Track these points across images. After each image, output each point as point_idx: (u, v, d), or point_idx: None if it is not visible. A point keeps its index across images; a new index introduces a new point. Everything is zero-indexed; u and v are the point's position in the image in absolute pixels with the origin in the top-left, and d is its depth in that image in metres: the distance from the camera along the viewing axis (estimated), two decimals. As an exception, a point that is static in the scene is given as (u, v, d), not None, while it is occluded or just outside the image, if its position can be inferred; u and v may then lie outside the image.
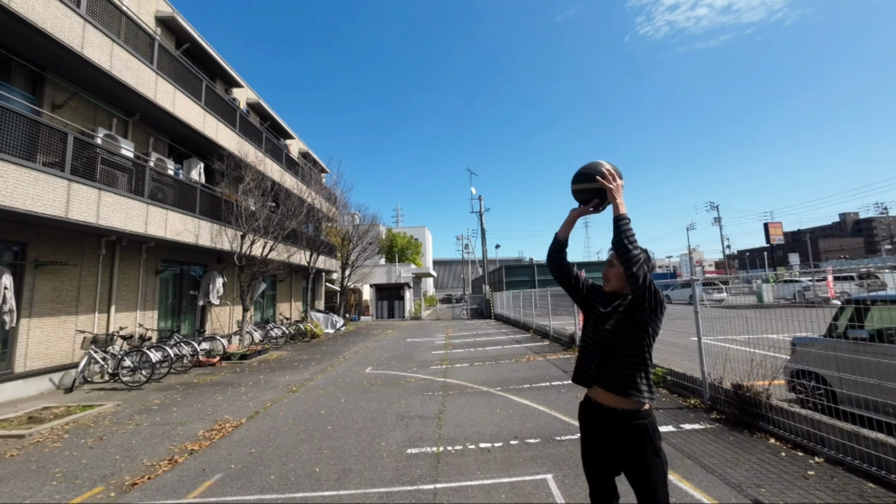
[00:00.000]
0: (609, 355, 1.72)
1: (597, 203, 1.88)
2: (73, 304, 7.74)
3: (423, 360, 9.34)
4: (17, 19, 5.97)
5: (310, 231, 17.56)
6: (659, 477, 1.60)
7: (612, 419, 1.69)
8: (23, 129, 5.98)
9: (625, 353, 1.69)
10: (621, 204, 1.76)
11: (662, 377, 5.66)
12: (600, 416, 1.73)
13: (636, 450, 1.63)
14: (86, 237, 7.96)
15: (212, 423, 5.06)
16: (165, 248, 9.89)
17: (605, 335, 1.74)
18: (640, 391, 1.65)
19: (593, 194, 1.91)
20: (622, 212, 1.73)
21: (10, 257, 6.80)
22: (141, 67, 8.37)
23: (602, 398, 1.73)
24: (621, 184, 1.80)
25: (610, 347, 1.72)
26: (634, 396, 1.64)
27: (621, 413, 1.67)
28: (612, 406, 1.69)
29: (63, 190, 6.46)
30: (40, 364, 7.09)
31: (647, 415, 1.67)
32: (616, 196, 1.77)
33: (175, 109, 9.38)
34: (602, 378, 1.73)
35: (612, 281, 1.84)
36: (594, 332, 1.80)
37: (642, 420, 1.65)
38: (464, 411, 5.18)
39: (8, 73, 6.94)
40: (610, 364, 1.71)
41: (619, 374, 1.68)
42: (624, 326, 1.71)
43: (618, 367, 1.69)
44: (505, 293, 21.40)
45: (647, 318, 1.67)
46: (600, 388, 1.73)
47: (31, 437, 4.74)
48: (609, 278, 1.85)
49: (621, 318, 1.73)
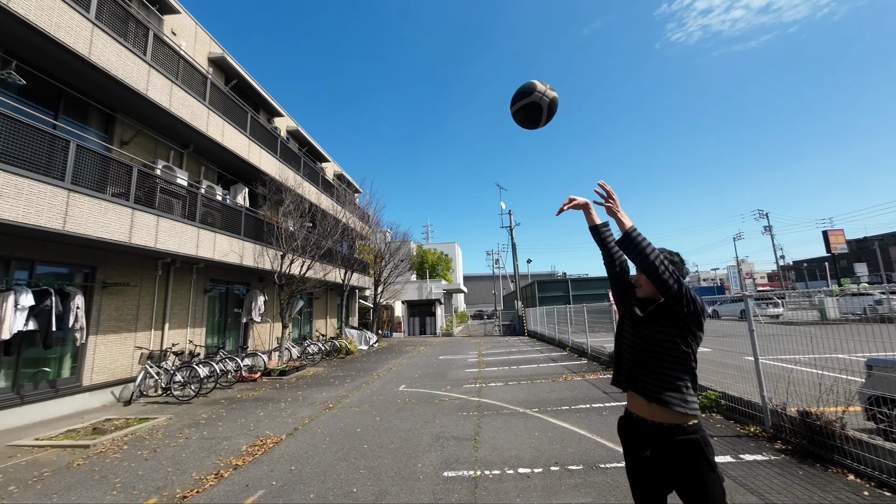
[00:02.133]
0: (648, 361, 1.63)
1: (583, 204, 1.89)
2: (132, 321, 8.38)
3: (456, 379, 9.23)
4: (97, 70, 6.77)
5: (344, 249, 18.14)
6: (718, 495, 1.47)
7: (658, 435, 1.57)
8: (97, 164, 6.69)
9: (666, 359, 1.59)
10: (625, 216, 1.70)
11: (715, 401, 5.24)
12: (644, 432, 1.62)
13: (689, 468, 1.50)
14: (145, 260, 8.66)
15: (254, 439, 5.22)
16: (213, 269, 10.55)
17: (644, 339, 1.64)
18: (685, 401, 1.54)
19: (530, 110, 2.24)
20: (630, 224, 1.67)
21: (81, 279, 7.50)
22: (195, 104, 9.17)
23: (644, 412, 1.62)
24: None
25: (649, 352, 1.63)
26: (679, 407, 1.52)
27: (667, 428, 1.55)
28: (656, 421, 1.58)
29: (127, 217, 7.11)
30: (104, 378, 7.68)
31: (696, 428, 1.54)
32: (617, 211, 1.73)
33: (224, 140, 10.15)
34: (639, 384, 1.63)
35: (644, 287, 1.74)
36: (632, 334, 1.70)
37: (692, 434, 1.52)
38: (500, 433, 5.03)
39: (86, 116, 7.84)
40: (649, 370, 1.61)
41: (660, 380, 1.58)
42: (665, 332, 1.60)
43: (658, 373, 1.59)
44: (538, 309, 20.88)
45: (689, 322, 1.57)
46: (639, 397, 1.63)
47: (95, 447, 5.10)
48: (640, 284, 1.76)
49: (661, 322, 1.63)
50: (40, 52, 6.36)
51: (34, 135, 5.75)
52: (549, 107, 2.24)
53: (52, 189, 5.84)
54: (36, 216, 5.60)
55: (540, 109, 2.24)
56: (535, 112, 2.26)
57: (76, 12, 6.38)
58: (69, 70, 6.85)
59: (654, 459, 1.58)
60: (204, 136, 9.54)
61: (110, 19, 7.14)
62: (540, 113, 2.25)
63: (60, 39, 6.11)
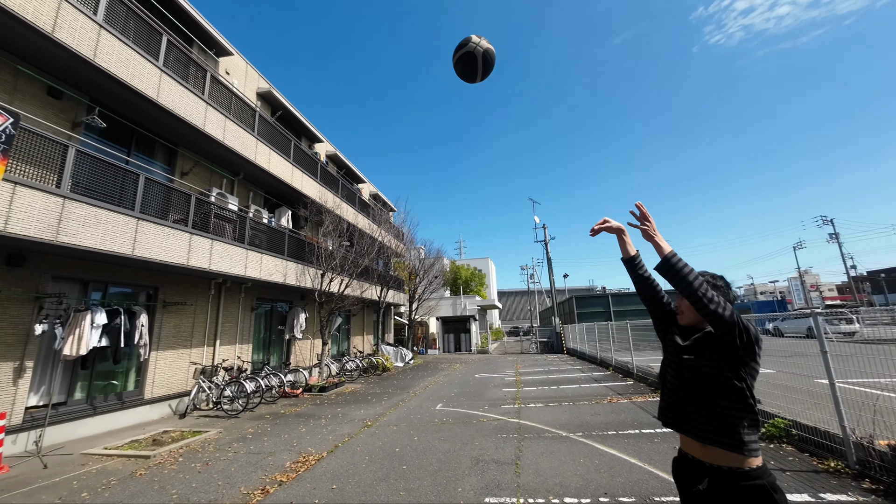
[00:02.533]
0: (696, 398, 1.48)
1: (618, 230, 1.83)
2: (188, 338, 8.98)
3: (493, 398, 9.01)
4: (163, 111, 7.55)
5: (380, 267, 18.56)
6: None
7: (718, 480, 1.41)
8: (161, 194, 7.37)
9: (717, 395, 1.44)
10: (663, 241, 1.59)
11: (785, 430, 4.74)
12: (701, 475, 1.47)
13: None
14: (200, 280, 9.31)
15: (297, 455, 5.35)
16: (259, 288, 11.14)
17: (690, 373, 1.51)
18: (743, 443, 1.38)
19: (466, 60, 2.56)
20: (669, 249, 1.56)
21: (145, 299, 8.18)
22: (245, 135, 9.94)
23: (699, 453, 1.48)
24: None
25: (696, 388, 1.49)
26: (737, 450, 1.38)
27: (727, 472, 1.39)
28: (713, 463, 1.43)
29: (186, 242, 7.72)
30: (163, 391, 8.23)
31: (761, 472, 1.37)
32: (654, 234, 1.62)
33: (270, 167, 10.87)
34: (689, 424, 1.49)
35: (687, 313, 1.62)
36: (676, 367, 1.58)
37: (757, 480, 1.36)
38: (543, 458, 4.81)
39: (153, 151, 8.71)
40: (699, 408, 1.47)
41: (712, 420, 1.43)
42: (714, 364, 1.46)
43: (709, 412, 1.44)
44: (577, 326, 20.10)
45: (742, 355, 1.42)
46: (693, 440, 1.49)
47: (155, 458, 5.44)
48: (682, 310, 1.64)
49: (709, 354, 1.49)
50: (117, 98, 7.20)
51: (111, 171, 6.46)
52: (484, 57, 2.60)
53: (124, 218, 6.48)
54: (111, 243, 6.23)
55: (475, 58, 2.59)
56: (470, 62, 2.61)
57: (148, 62, 7.20)
58: (140, 112, 7.69)
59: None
60: (252, 164, 10.27)
61: (175, 65, 7.97)
62: (475, 62, 2.60)
63: (135, 86, 6.90)
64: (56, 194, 5.52)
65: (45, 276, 6.36)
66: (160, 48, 7.59)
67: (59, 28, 5.75)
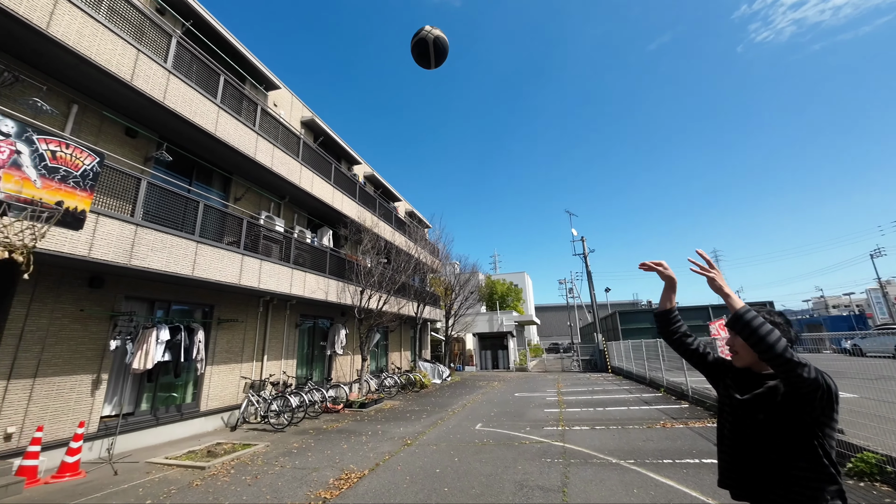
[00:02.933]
0: (762, 464, 1.27)
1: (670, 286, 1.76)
2: (239, 354, 9.49)
3: (535, 419, 8.67)
4: (220, 143, 8.27)
5: (416, 283, 18.77)
6: None
7: None
8: (217, 219, 7.99)
9: (787, 460, 1.23)
10: (732, 293, 1.39)
11: (878, 466, 4.15)
12: None
13: None
14: (250, 298, 9.88)
15: (339, 472, 5.41)
16: (303, 305, 11.62)
17: (751, 432, 1.31)
18: None
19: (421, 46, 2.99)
20: (740, 304, 1.36)
21: (201, 316, 8.78)
22: (291, 161, 10.60)
23: None
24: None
25: (760, 451, 1.28)
26: None
27: None
28: None
29: (238, 262, 8.26)
30: (216, 404, 8.71)
31: None
32: (722, 285, 1.41)
33: (313, 190, 11.47)
34: (757, 496, 1.28)
35: (742, 354, 1.44)
36: (732, 425, 1.38)
37: None
38: (592, 486, 4.53)
39: (210, 180, 9.51)
40: (766, 474, 1.26)
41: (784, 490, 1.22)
42: (781, 425, 1.26)
43: (781, 481, 1.23)
44: (622, 343, 19.06)
45: (817, 414, 1.22)
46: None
47: (209, 469, 5.72)
48: (737, 350, 1.46)
49: (773, 412, 1.28)
50: (181, 134, 7.98)
51: (176, 200, 7.11)
52: (435, 43, 2.97)
53: (186, 242, 7.07)
54: (174, 265, 6.80)
55: (426, 44, 2.98)
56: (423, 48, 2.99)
57: (207, 100, 7.95)
58: (199, 145, 8.46)
59: None
60: (297, 188, 10.89)
61: (230, 101, 8.74)
62: (427, 47, 2.98)
63: (197, 122, 7.62)
64: (130, 222, 6.14)
65: (119, 296, 7.03)
66: (218, 87, 8.37)
67: (136, 76, 6.51)
